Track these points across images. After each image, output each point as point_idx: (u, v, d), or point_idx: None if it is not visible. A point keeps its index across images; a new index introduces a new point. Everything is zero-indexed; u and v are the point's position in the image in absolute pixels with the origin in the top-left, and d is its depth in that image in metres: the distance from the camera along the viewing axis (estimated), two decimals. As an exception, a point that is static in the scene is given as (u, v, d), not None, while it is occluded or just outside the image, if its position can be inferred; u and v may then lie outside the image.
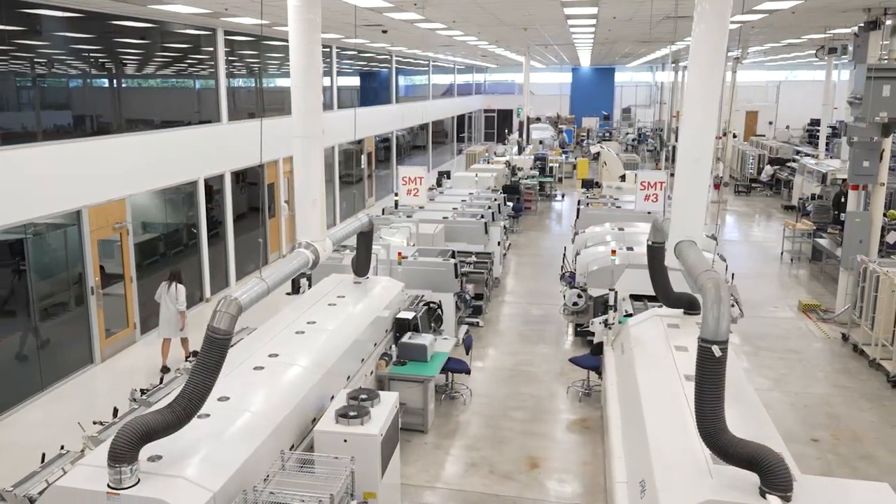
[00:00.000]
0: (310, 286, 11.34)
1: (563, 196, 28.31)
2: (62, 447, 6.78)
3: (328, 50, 21.78)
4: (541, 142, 36.75)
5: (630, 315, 10.24)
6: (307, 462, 6.30)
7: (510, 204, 21.84)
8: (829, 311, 14.32)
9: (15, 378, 10.20)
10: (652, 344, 8.75)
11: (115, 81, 13.46)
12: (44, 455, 6.57)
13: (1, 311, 10.55)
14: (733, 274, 13.94)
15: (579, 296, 12.35)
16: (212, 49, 15.11)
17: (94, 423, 7.07)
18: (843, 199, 17.17)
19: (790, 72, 50.16)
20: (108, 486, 5.26)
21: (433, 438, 9.43)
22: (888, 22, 12.95)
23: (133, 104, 14.05)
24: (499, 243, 16.06)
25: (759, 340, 13.02)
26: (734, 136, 37.82)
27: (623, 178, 22.04)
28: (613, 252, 11.69)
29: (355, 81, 28.56)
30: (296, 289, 11.66)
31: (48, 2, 10.65)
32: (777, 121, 47.00)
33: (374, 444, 6.73)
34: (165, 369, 10.99)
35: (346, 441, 6.73)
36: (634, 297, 11.77)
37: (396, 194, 20.97)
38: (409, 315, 10.28)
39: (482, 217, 15.97)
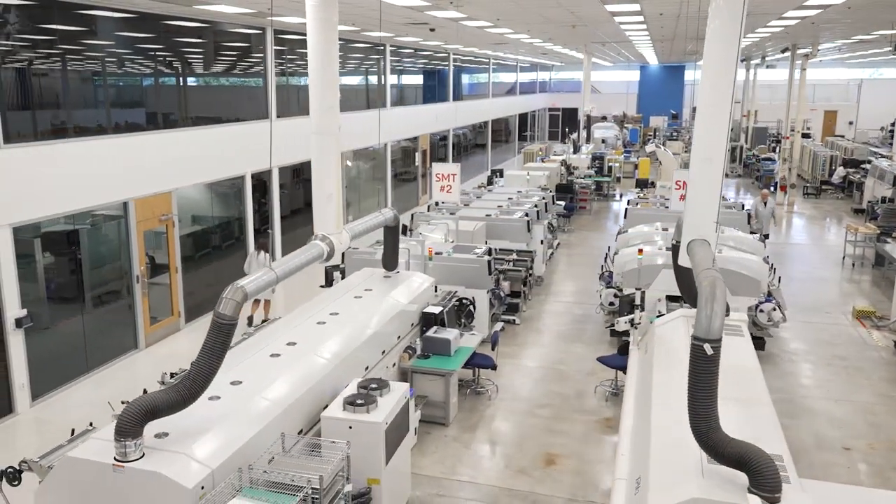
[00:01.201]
0: (343, 279, 11.62)
1: (621, 196, 27.93)
2: (90, 424, 7.22)
3: (381, 48, 22.10)
4: (603, 141, 36.31)
5: (662, 315, 10.11)
6: (315, 446, 6.50)
7: (561, 203, 21.76)
8: (885, 318, 13.74)
9: (63, 361, 10.82)
10: (673, 344, 8.63)
11: (176, 80, 14.14)
12: (73, 430, 7.00)
13: (58, 298, 11.21)
14: (780, 277, 13.57)
15: (616, 296, 12.21)
16: (262, 47, 15.60)
17: (122, 402, 7.47)
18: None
19: (875, 69, 47.93)
20: (115, 458, 5.60)
21: (454, 432, 9.54)
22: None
23: (188, 101, 14.66)
24: (542, 241, 16.02)
25: (806, 346, 12.61)
26: (806, 137, 36.49)
27: (679, 177, 21.58)
28: (640, 251, 11.53)
29: (418, 79, 28.95)
30: (329, 282, 11.96)
31: (100, 3, 11.23)
32: (858, 120, 44.95)
33: (377, 432, 6.89)
34: (250, 321, 12.70)
35: (351, 427, 6.92)
36: (671, 298, 11.60)
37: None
38: (436, 310, 10.41)
39: (526, 215, 15.97)
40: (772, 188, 28.51)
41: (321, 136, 7.67)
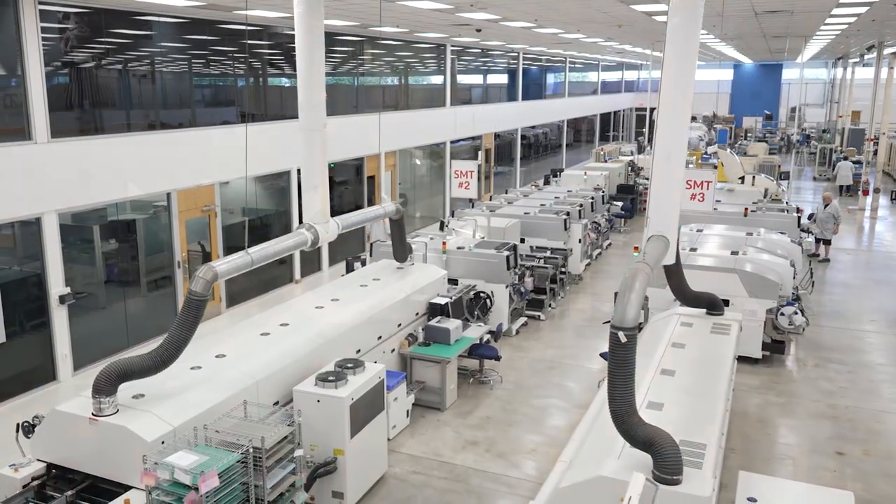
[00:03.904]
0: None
1: (692, 198, 27.34)
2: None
3: (442, 48, 22.66)
4: (685, 142, 35.44)
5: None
6: (286, 416, 7.10)
7: (618, 203, 21.66)
8: (932, 327, 13.12)
9: (107, 337, 11.98)
10: (654, 339, 8.78)
11: (248, 81, 15.32)
12: (88, 393, 7.91)
13: (115, 281, 12.40)
14: (813, 283, 13.22)
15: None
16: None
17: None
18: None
19: None
20: (91, 413, 6.40)
21: (447, 417, 9.97)
22: None
23: (238, 99, 15.72)
24: (580, 240, 16.15)
25: (832, 352, 12.24)
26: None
27: (742, 179, 21.10)
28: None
29: (498, 79, 29.51)
30: (350, 272, 12.59)
31: (155, 10, 12.35)
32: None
33: (342, 407, 7.45)
34: None
35: (319, 401, 7.51)
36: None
37: (507, 192, 21.45)
38: (442, 301, 10.87)
39: (567, 214, 16.14)
40: (859, 192, 27.28)
41: (308, 132, 8.30)
